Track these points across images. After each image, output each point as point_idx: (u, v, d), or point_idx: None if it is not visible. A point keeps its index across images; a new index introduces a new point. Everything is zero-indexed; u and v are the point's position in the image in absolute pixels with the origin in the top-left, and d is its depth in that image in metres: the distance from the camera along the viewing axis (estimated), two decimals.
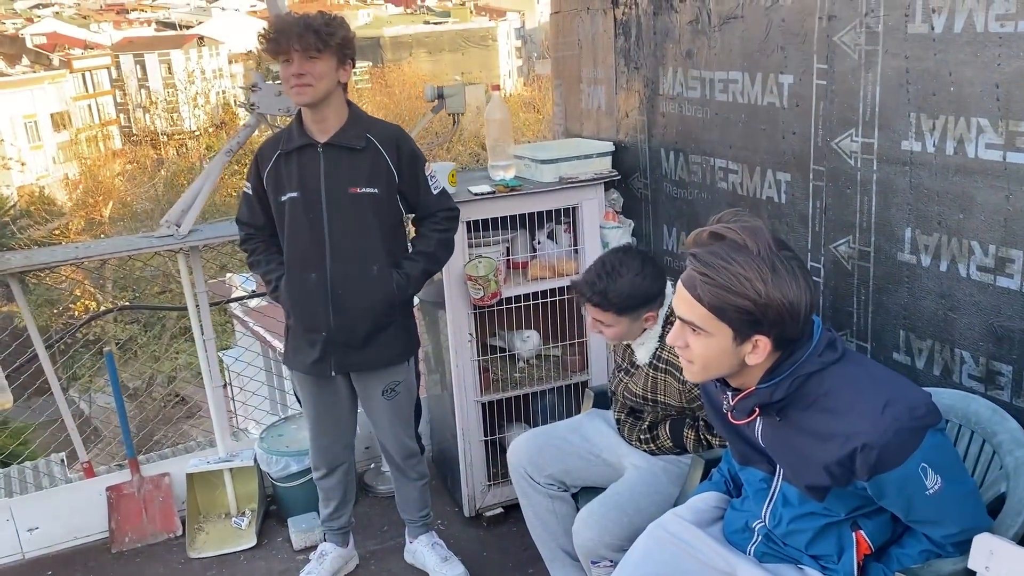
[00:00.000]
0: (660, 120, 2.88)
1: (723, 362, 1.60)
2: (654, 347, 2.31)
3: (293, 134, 2.42)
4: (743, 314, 1.54)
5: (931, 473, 1.55)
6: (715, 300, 1.54)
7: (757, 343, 1.57)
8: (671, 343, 1.66)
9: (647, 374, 2.32)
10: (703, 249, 1.58)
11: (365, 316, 2.45)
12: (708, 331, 1.57)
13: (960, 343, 2.00)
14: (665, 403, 2.31)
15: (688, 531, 1.90)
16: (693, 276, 1.57)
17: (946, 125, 1.91)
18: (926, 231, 2.02)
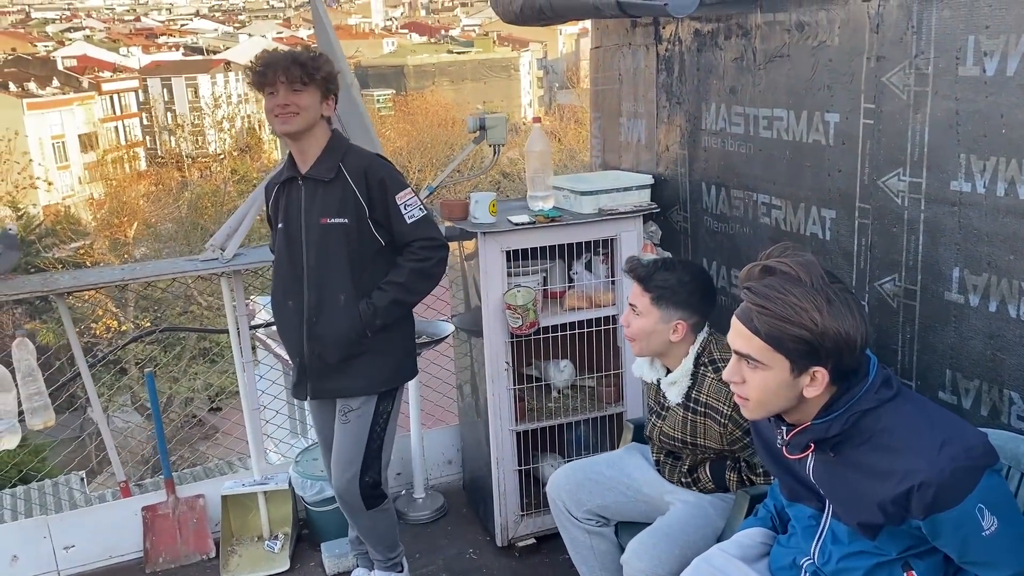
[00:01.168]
0: (702, 154, 2.91)
1: (780, 396, 1.62)
2: (686, 386, 2.32)
3: (285, 167, 2.53)
4: (801, 345, 1.56)
5: (988, 514, 1.54)
6: (772, 331, 1.56)
7: (815, 375, 1.59)
8: (727, 379, 1.67)
9: (683, 417, 2.32)
10: (757, 282, 1.61)
11: (335, 344, 2.47)
12: (765, 364, 1.59)
13: (1009, 384, 1.99)
14: (705, 446, 2.32)
15: (733, 566, 1.89)
16: (749, 309, 1.60)
17: (997, 166, 1.93)
18: (975, 271, 2.02)
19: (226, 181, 25.84)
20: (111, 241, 23.18)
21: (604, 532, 2.46)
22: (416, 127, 28.53)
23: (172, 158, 32.78)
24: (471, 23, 63.10)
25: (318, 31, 3.22)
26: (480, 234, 2.86)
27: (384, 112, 35.39)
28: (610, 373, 3.17)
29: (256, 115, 37.66)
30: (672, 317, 2.29)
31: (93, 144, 36.18)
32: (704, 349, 2.32)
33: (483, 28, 57.44)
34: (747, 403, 1.67)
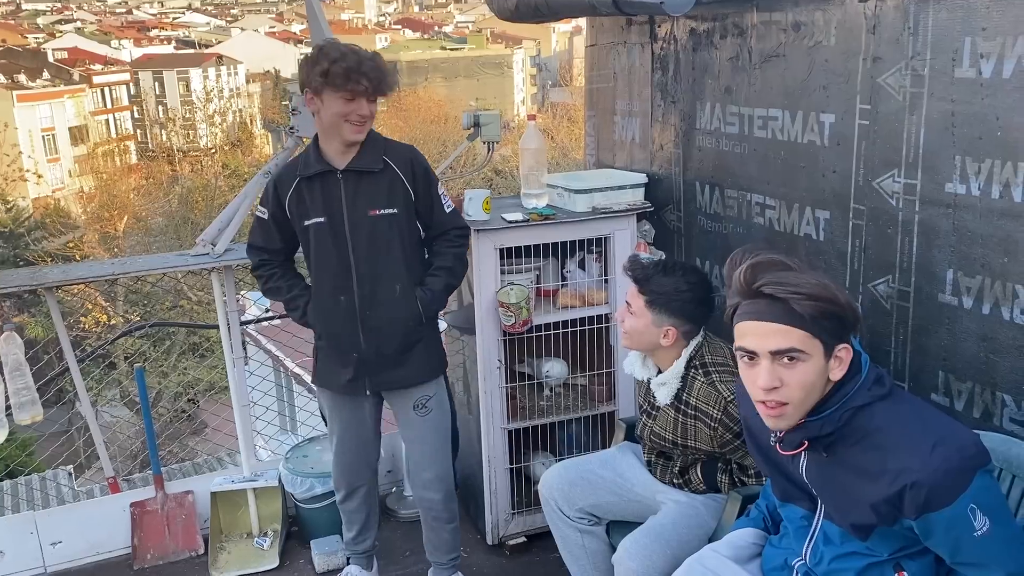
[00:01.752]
0: (696, 154, 2.90)
1: (817, 388, 1.61)
2: (676, 388, 2.32)
3: (310, 160, 2.45)
4: (834, 322, 1.58)
5: (980, 515, 1.55)
6: (814, 311, 1.56)
7: (840, 353, 1.60)
8: (766, 386, 1.59)
9: (674, 419, 2.32)
10: (769, 276, 1.60)
11: (394, 335, 2.49)
12: (807, 353, 1.58)
13: (1002, 386, 1.99)
14: (695, 447, 2.31)
15: (725, 567, 1.89)
16: (781, 301, 1.58)
17: (992, 169, 1.93)
18: (969, 273, 2.02)
19: (217, 175, 25.74)
20: (101, 235, 23.08)
21: (596, 531, 2.46)
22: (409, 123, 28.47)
23: (163, 152, 32.63)
24: (464, 19, 63.04)
25: (312, 26, 3.21)
26: (474, 231, 2.84)
27: None
28: (602, 372, 3.17)
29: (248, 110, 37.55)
30: (664, 323, 2.29)
31: (83, 137, 35.97)
32: (697, 353, 2.31)
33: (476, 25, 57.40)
34: (785, 409, 1.60)
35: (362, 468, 2.72)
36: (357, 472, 2.72)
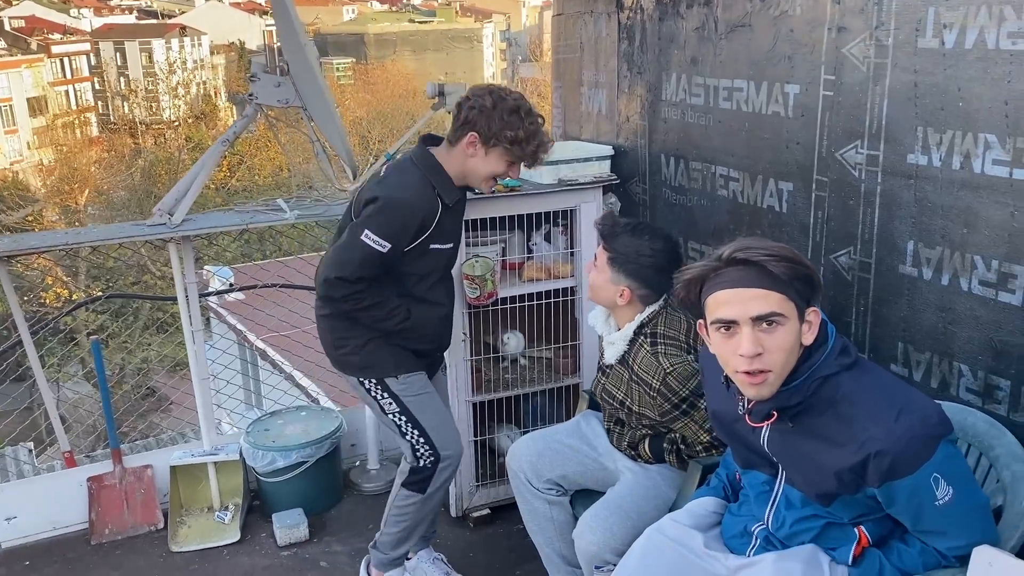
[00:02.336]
0: (662, 126, 2.88)
1: (795, 352, 1.61)
2: (621, 350, 2.32)
3: (449, 187, 2.40)
4: (805, 283, 1.59)
5: (942, 484, 1.56)
6: (788, 272, 1.57)
7: (810, 317, 1.61)
8: (749, 354, 1.56)
9: (625, 380, 2.32)
10: (738, 244, 1.60)
11: None
12: (785, 316, 1.58)
13: (959, 357, 2.02)
14: (640, 412, 2.31)
15: (686, 535, 1.89)
16: (757, 267, 1.58)
17: (953, 140, 1.93)
18: (929, 244, 2.04)
19: (181, 148, 25.31)
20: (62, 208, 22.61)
21: (563, 502, 2.46)
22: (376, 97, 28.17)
23: (125, 124, 31.98)
24: None
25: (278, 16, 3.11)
26: None
27: (343, 81, 34.86)
28: (567, 344, 3.16)
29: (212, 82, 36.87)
30: (620, 282, 2.27)
31: (42, 108, 35.10)
32: (650, 320, 2.29)
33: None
34: (767, 376, 1.59)
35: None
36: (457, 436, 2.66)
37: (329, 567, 2.91)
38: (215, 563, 2.94)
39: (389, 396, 2.50)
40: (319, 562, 2.94)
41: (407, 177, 2.36)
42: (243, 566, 2.92)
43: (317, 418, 3.35)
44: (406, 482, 2.55)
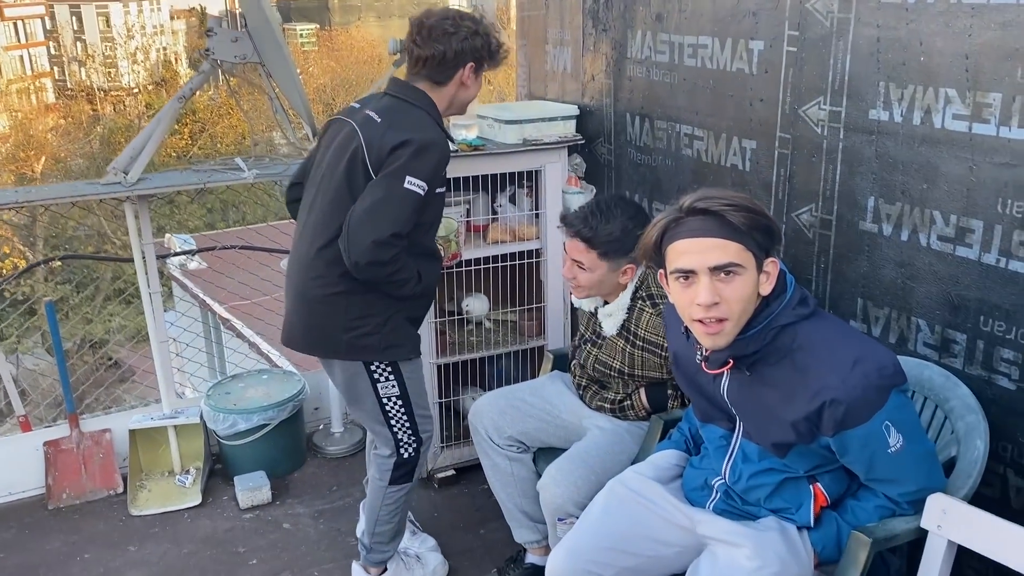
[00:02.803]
0: (627, 84, 2.86)
1: (752, 301, 1.61)
2: (622, 319, 2.31)
3: (443, 125, 2.31)
4: (764, 233, 1.59)
5: (894, 432, 1.58)
6: (747, 222, 1.56)
7: (768, 268, 1.61)
8: (706, 303, 1.57)
9: (622, 349, 2.31)
10: (699, 193, 1.60)
11: None
12: (743, 266, 1.57)
13: (917, 311, 2.04)
14: (643, 375, 2.31)
15: (648, 487, 1.91)
16: (716, 216, 1.57)
17: (914, 95, 1.94)
18: (889, 200, 2.05)
19: (141, 116, 24.74)
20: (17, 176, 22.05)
21: (524, 459, 2.47)
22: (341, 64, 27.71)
23: (83, 90, 31.16)
24: None
25: None
26: None
27: (307, 48, 34.25)
28: (533, 307, 3.15)
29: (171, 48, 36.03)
30: (621, 264, 2.26)
31: None
32: (642, 283, 2.30)
33: None
34: (724, 325, 1.59)
35: None
36: None
37: (292, 528, 2.90)
38: (176, 526, 2.92)
39: (395, 381, 2.31)
40: (282, 524, 2.93)
41: (418, 117, 2.20)
42: (204, 529, 2.90)
43: (279, 381, 3.31)
44: (393, 479, 2.39)
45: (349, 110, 2.29)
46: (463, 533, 2.85)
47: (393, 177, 2.10)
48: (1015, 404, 1.86)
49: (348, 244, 2.10)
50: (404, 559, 2.58)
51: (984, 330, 1.90)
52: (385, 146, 2.12)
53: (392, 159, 2.11)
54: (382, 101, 2.25)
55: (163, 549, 2.80)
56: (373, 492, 2.43)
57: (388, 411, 2.34)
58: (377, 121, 2.17)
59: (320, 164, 2.28)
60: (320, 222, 2.20)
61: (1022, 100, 1.73)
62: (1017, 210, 1.78)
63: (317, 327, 2.26)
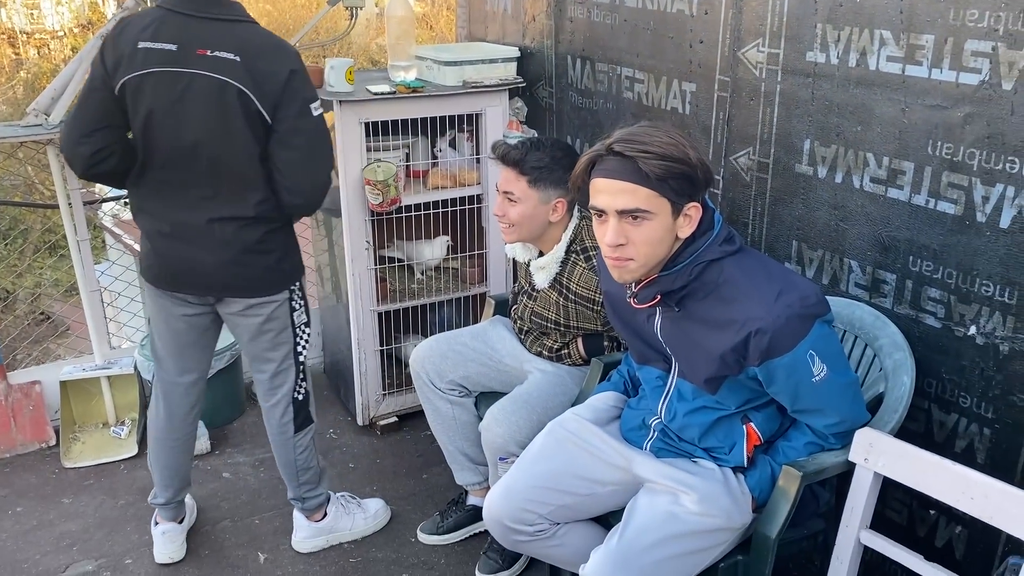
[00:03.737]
0: (568, 25, 2.82)
1: (664, 244, 1.62)
2: (555, 272, 2.30)
3: None
4: (682, 181, 1.58)
5: (818, 361, 1.62)
6: (661, 171, 1.55)
7: (689, 211, 1.61)
8: (611, 243, 1.60)
9: (556, 301, 2.31)
10: (623, 134, 1.59)
11: None
12: (652, 212, 1.58)
13: (849, 253, 2.08)
14: (578, 327, 2.32)
15: (586, 428, 1.93)
16: (629, 160, 1.57)
17: (850, 37, 1.95)
18: (824, 143, 2.07)
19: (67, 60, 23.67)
20: None
21: (465, 403, 2.47)
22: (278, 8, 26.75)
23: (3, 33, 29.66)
24: None
25: None
26: (336, 103, 2.70)
27: None
28: (475, 253, 3.14)
29: None
30: (551, 197, 2.25)
31: None
32: (576, 236, 2.29)
33: None
34: (629, 264, 1.63)
35: None
36: None
37: (232, 478, 2.87)
38: (112, 478, 2.86)
39: (303, 304, 2.32)
40: (221, 473, 2.90)
41: (258, 33, 2.05)
42: (142, 479, 2.85)
43: None
44: (297, 425, 2.37)
45: (165, 56, 1.99)
46: (406, 479, 2.86)
47: (302, 116, 2.03)
48: (940, 342, 1.92)
49: (304, 196, 2.09)
50: (344, 503, 2.58)
51: (913, 270, 1.94)
52: (273, 87, 1.99)
53: (289, 97, 2.01)
54: (203, 29, 2.00)
55: (98, 501, 2.75)
56: (282, 449, 2.41)
57: (299, 340, 2.32)
58: (236, 60, 1.99)
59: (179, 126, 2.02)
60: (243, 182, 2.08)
61: (954, 42, 1.75)
62: (946, 152, 1.81)
63: (260, 267, 2.19)
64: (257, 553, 2.52)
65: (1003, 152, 1.71)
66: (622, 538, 1.69)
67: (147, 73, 1.99)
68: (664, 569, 1.68)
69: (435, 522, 2.57)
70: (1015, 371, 1.79)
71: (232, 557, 2.50)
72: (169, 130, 2.03)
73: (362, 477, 2.86)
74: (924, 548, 2.03)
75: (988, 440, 1.88)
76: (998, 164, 1.73)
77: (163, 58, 1.99)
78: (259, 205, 2.11)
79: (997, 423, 1.85)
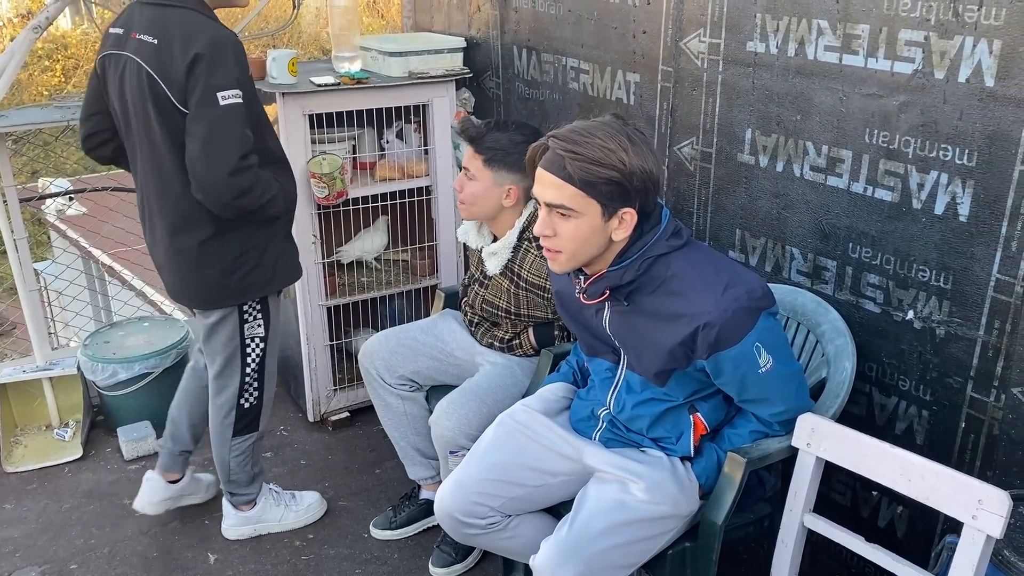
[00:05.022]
0: (513, 15, 2.81)
1: (592, 243, 1.62)
2: (506, 258, 2.29)
3: None
4: (612, 186, 1.57)
5: (764, 352, 1.64)
6: (586, 175, 1.55)
7: (624, 216, 1.61)
8: (539, 232, 1.65)
9: (507, 289, 2.31)
10: (564, 131, 1.59)
11: None
12: (578, 211, 1.59)
13: (791, 240, 2.11)
14: (529, 315, 2.32)
15: (536, 420, 1.93)
16: (559, 157, 1.58)
17: (789, 27, 1.97)
18: (765, 132, 2.09)
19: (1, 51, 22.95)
20: None
21: (416, 397, 2.46)
22: None
23: None
24: None
25: None
26: (279, 95, 2.65)
27: None
28: (424, 245, 3.12)
29: None
30: (505, 180, 2.23)
31: None
32: (530, 224, 2.29)
33: None
34: (558, 256, 1.65)
35: None
36: None
37: None
38: (56, 481, 2.80)
39: (262, 319, 2.23)
40: None
41: (186, 20, 1.97)
42: (87, 482, 2.79)
43: (161, 328, 3.18)
44: (237, 430, 2.34)
45: (116, 39, 2.04)
46: (358, 474, 2.84)
47: (206, 103, 1.92)
48: (880, 326, 1.96)
49: (204, 191, 1.96)
50: (276, 494, 2.58)
51: (852, 256, 1.98)
52: (178, 71, 1.93)
53: (193, 83, 1.93)
54: (144, 14, 2.01)
55: (42, 505, 2.68)
56: (218, 447, 2.37)
57: (247, 355, 2.27)
58: (153, 43, 1.95)
59: (126, 112, 2.04)
60: (163, 175, 2.05)
61: (888, 32, 1.78)
62: (882, 140, 1.84)
63: (197, 279, 2.14)
64: (207, 554, 2.48)
65: (936, 140, 1.75)
66: (572, 527, 1.70)
67: (104, 56, 2.07)
68: (613, 556, 1.69)
69: (388, 517, 2.56)
70: (951, 354, 1.84)
71: (182, 559, 2.46)
72: (119, 113, 2.08)
73: (314, 474, 2.83)
74: (867, 528, 2.08)
75: (927, 422, 1.93)
76: (932, 152, 1.76)
77: (113, 42, 2.05)
78: (177, 200, 2.04)
79: (935, 405, 1.90)
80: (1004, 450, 1.79)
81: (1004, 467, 1.79)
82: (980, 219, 1.72)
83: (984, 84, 1.65)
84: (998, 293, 1.72)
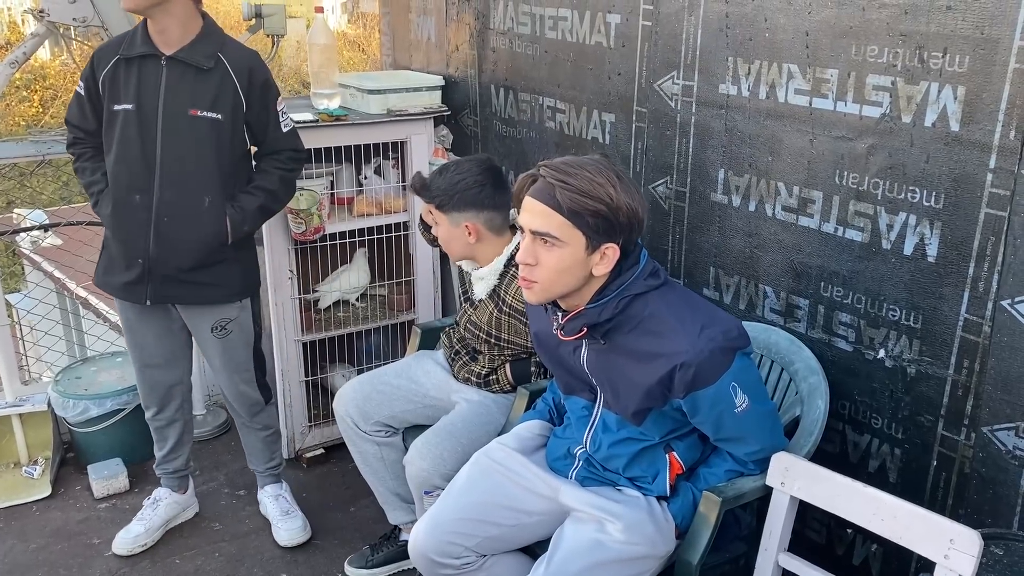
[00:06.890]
0: (491, 55, 2.84)
1: (572, 275, 1.63)
2: (492, 284, 2.29)
3: (136, 40, 2.21)
4: (599, 219, 1.59)
5: (740, 392, 1.65)
6: (574, 205, 1.57)
7: (606, 252, 1.63)
8: (521, 260, 1.66)
9: (491, 313, 2.31)
10: (556, 161, 1.62)
11: (191, 249, 2.29)
12: (563, 241, 1.60)
13: (764, 279, 2.13)
14: (509, 340, 2.31)
15: (512, 458, 1.93)
16: (549, 186, 1.60)
17: (760, 70, 2.01)
18: (738, 172, 2.12)
19: None
20: None
21: (393, 442, 2.43)
22: None
23: None
24: None
25: None
26: None
27: None
28: (402, 280, 3.12)
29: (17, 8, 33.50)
30: (459, 220, 2.23)
31: None
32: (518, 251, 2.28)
33: None
34: (534, 286, 1.65)
35: (173, 382, 2.55)
36: (168, 387, 2.54)
37: None
38: (24, 520, 2.74)
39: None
40: None
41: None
42: (56, 521, 2.74)
43: None
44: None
45: None
46: (333, 512, 2.81)
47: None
48: (852, 364, 1.98)
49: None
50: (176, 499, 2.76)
51: (824, 295, 2.00)
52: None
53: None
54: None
55: (8, 545, 2.63)
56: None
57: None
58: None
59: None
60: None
61: (856, 76, 1.82)
62: (852, 181, 1.88)
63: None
64: None
65: (904, 182, 1.78)
66: (548, 567, 1.69)
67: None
68: None
69: (364, 555, 2.52)
70: (922, 393, 1.86)
71: None
72: None
73: None
74: (843, 566, 2.08)
75: (899, 460, 1.94)
76: (900, 193, 1.80)
77: None
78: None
79: (907, 443, 1.92)
80: (975, 488, 1.80)
81: (976, 505, 1.81)
82: (948, 260, 1.75)
83: (950, 128, 1.69)
84: (966, 333, 1.75)
